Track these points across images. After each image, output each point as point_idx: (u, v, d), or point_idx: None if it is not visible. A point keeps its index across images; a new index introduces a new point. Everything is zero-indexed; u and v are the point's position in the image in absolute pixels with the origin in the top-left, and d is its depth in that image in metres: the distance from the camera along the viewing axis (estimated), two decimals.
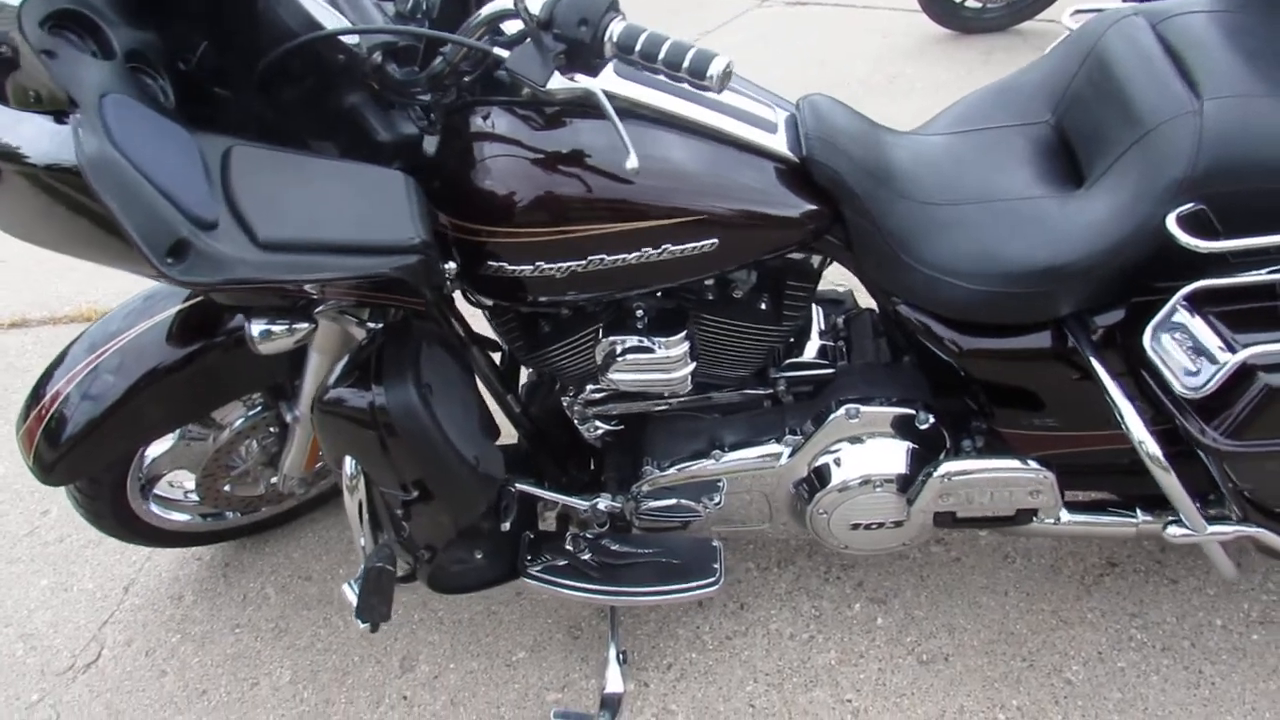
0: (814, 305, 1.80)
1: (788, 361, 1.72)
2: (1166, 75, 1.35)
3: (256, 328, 1.35)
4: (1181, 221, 1.25)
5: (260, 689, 1.86)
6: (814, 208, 1.42)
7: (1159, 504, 1.56)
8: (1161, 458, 1.35)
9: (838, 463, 1.60)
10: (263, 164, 1.15)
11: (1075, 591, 1.86)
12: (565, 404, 1.72)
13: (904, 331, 1.55)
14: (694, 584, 1.69)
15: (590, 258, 1.35)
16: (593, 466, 1.81)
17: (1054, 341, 1.44)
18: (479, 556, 1.66)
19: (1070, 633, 1.79)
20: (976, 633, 1.81)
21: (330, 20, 1.28)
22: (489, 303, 1.53)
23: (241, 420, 1.84)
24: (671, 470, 1.67)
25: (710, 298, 1.57)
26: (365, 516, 1.48)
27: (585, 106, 1.30)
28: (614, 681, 1.76)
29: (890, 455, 1.58)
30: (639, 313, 1.52)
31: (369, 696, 1.82)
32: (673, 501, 1.72)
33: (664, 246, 1.36)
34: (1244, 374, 1.24)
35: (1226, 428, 1.27)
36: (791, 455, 1.62)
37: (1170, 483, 1.38)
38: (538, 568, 1.70)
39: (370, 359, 1.37)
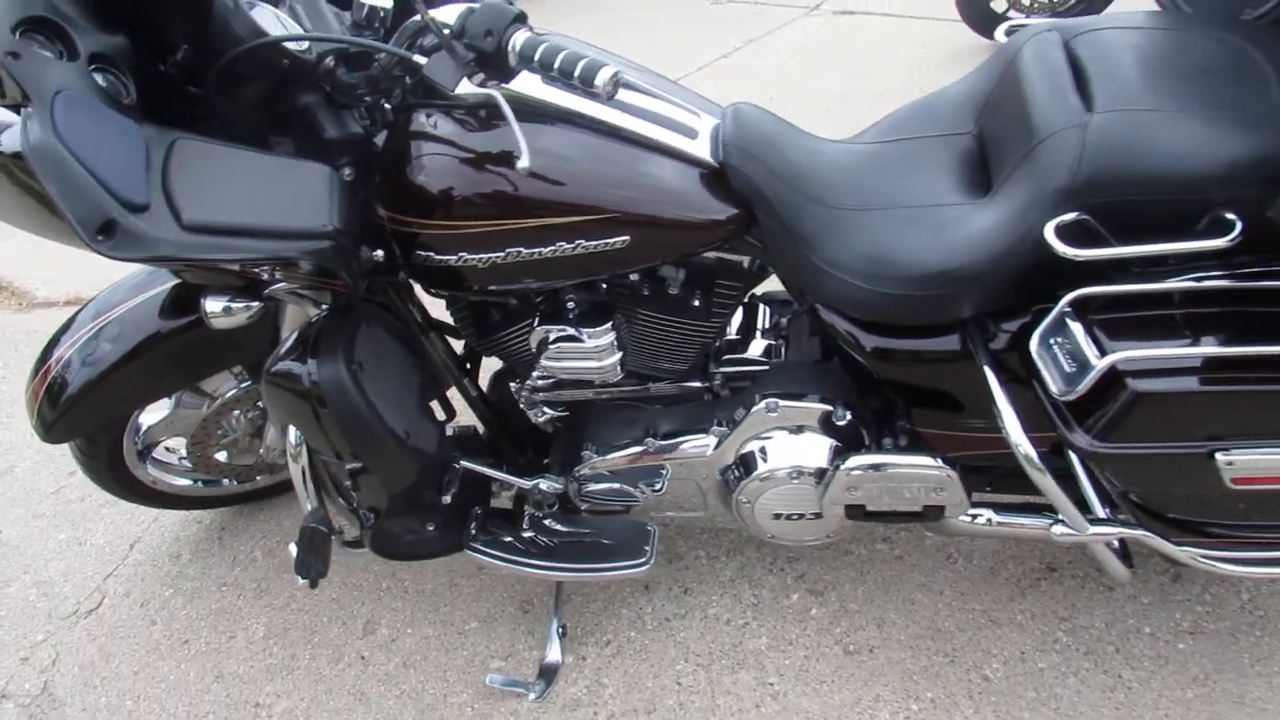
0: (761, 305, 1.88)
1: (725, 357, 1.80)
2: (1064, 89, 1.40)
3: (210, 304, 1.49)
4: (1062, 230, 1.30)
5: (236, 641, 2.02)
6: (730, 210, 1.51)
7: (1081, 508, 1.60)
8: (1036, 459, 1.40)
9: (759, 454, 1.68)
10: (201, 156, 1.28)
11: (1009, 594, 1.90)
12: (514, 390, 1.83)
13: (825, 331, 1.62)
14: (624, 563, 1.78)
15: (508, 250, 1.46)
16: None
17: (958, 344, 1.50)
18: (429, 528, 1.78)
19: (997, 632, 1.83)
20: (905, 627, 1.86)
21: (280, 30, 1.42)
22: (445, 292, 1.65)
23: (232, 391, 1.99)
24: (608, 456, 1.78)
25: (646, 293, 1.67)
26: (308, 481, 1.61)
27: (525, 111, 1.42)
28: (553, 653, 1.87)
29: (807, 449, 1.65)
30: (570, 304, 1.63)
31: (330, 654, 1.96)
32: (613, 486, 1.82)
33: (577, 242, 1.46)
34: (1113, 378, 1.29)
35: (1096, 430, 1.31)
36: (718, 446, 1.71)
37: (1046, 484, 1.43)
38: (481, 542, 1.81)
39: (311, 337, 1.50)
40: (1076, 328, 1.33)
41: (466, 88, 1.33)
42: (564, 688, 1.83)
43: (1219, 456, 1.28)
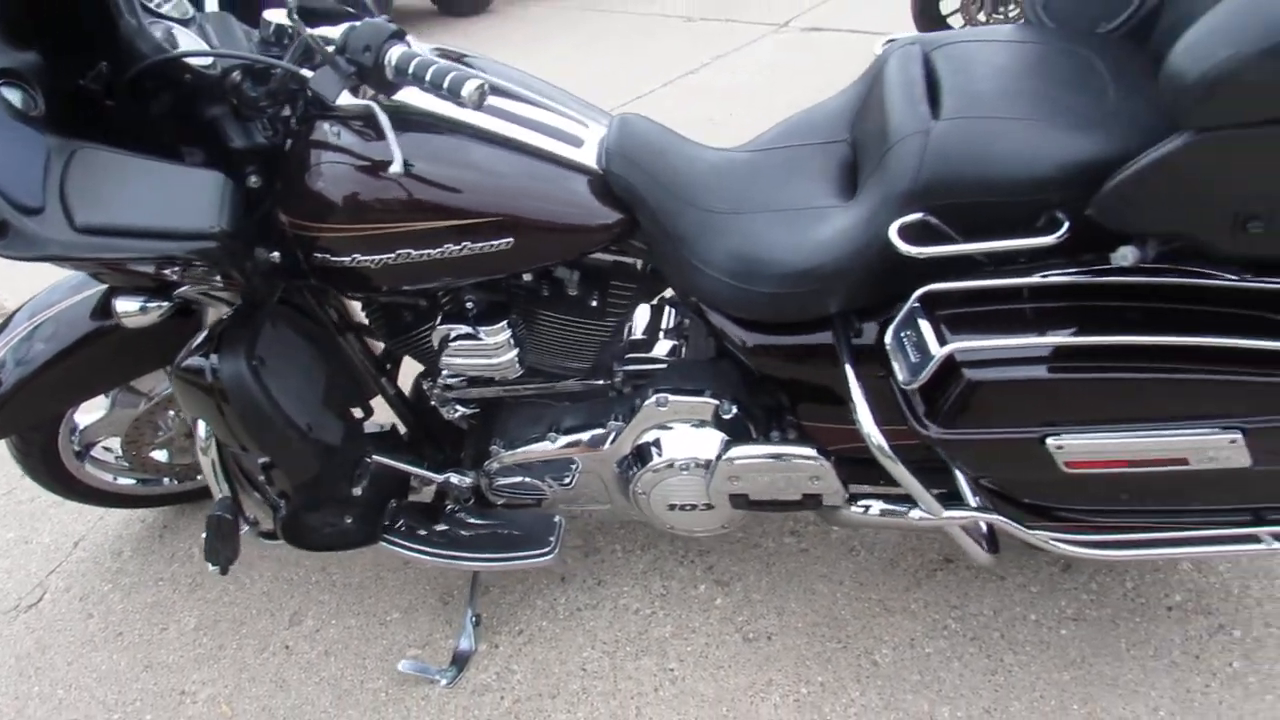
0: (667, 306, 1.97)
1: (628, 356, 1.89)
2: (916, 98, 1.49)
3: (121, 304, 1.58)
4: (908, 230, 1.39)
5: (168, 633, 2.10)
6: (613, 215, 1.60)
7: (954, 497, 1.68)
8: (886, 448, 1.47)
9: (652, 447, 1.76)
10: (101, 164, 1.38)
11: (906, 583, 1.97)
12: (426, 388, 1.92)
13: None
14: (528, 554, 1.86)
15: (398, 252, 1.55)
16: None
17: (829, 340, 1.58)
18: (344, 520, 1.86)
19: (890, 620, 1.91)
20: (804, 615, 1.94)
21: (184, 47, 1.51)
22: (354, 294, 1.75)
23: (166, 391, 2.08)
24: (515, 451, 1.86)
25: (545, 294, 1.76)
26: (218, 473, 1.70)
27: (405, 119, 1.52)
28: (466, 641, 1.95)
29: (695, 442, 1.73)
30: (469, 304, 1.72)
31: (256, 644, 2.04)
32: (522, 480, 1.90)
33: (463, 244, 1.55)
34: (952, 369, 1.37)
35: (939, 419, 1.40)
36: (614, 440, 1.79)
37: (899, 472, 1.50)
38: (395, 533, 1.90)
39: (217, 334, 1.59)
40: (923, 321, 1.41)
41: (349, 99, 1.42)
42: (475, 674, 1.91)
43: (1050, 442, 1.36)
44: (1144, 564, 1.91)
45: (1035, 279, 1.38)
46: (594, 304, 1.76)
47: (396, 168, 1.38)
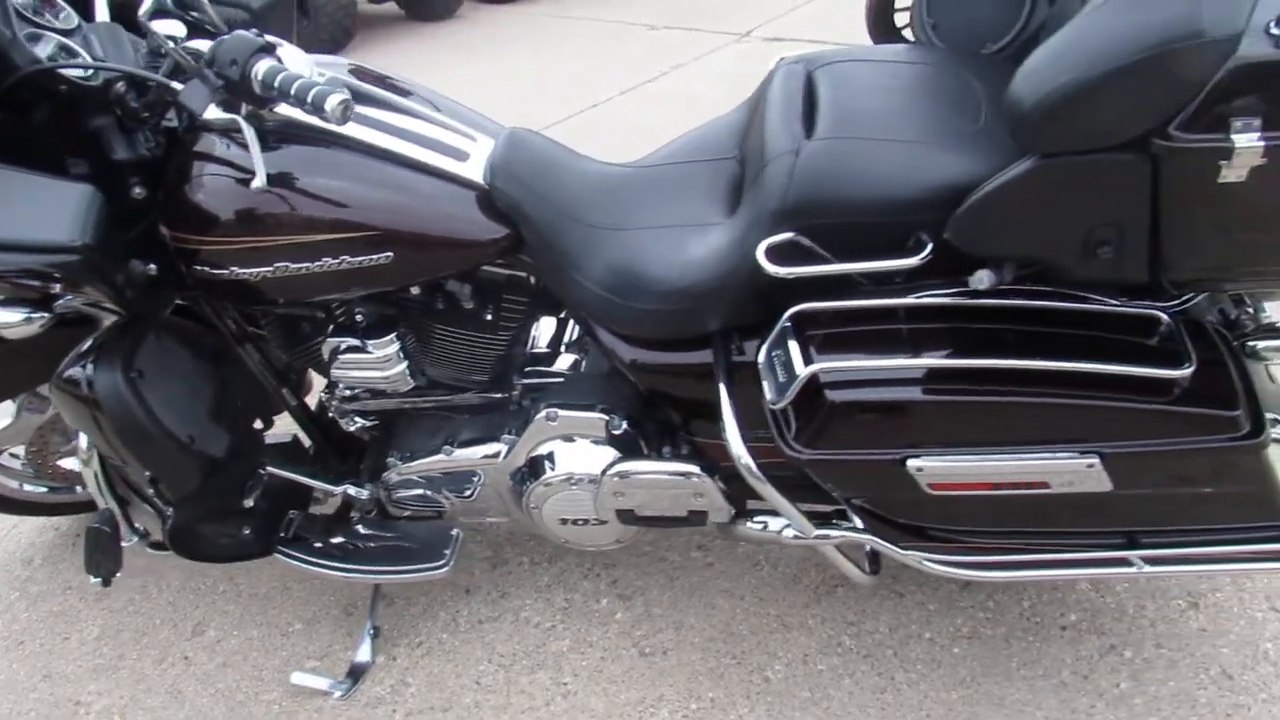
0: (571, 320, 1.97)
1: (526, 369, 1.88)
2: (793, 117, 1.50)
3: (2, 315, 1.57)
4: (778, 249, 1.39)
5: (70, 642, 2.09)
6: (498, 230, 1.59)
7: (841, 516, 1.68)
8: (754, 467, 1.47)
9: (544, 461, 1.76)
10: None
11: (806, 599, 1.97)
12: (325, 399, 1.91)
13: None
14: (422, 567, 1.85)
15: (276, 265, 1.54)
16: None
17: (709, 358, 1.58)
18: (240, 531, 1.85)
19: (786, 636, 1.91)
20: (702, 630, 1.94)
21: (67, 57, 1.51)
22: (239, 306, 1.74)
23: None
24: (411, 463, 1.86)
25: (440, 307, 1.75)
26: (102, 485, 1.69)
27: (288, 133, 1.52)
28: (363, 653, 1.94)
29: (583, 456, 1.73)
30: (359, 316, 1.71)
31: (156, 655, 2.03)
32: (421, 492, 1.90)
33: (341, 258, 1.54)
34: (816, 389, 1.37)
35: (803, 439, 1.40)
36: (508, 454, 1.79)
37: (767, 491, 1.50)
38: (290, 545, 1.89)
39: (96, 346, 1.58)
40: (792, 341, 1.41)
41: (218, 113, 1.42)
42: (370, 687, 1.90)
43: (910, 464, 1.36)
44: (1041, 583, 1.91)
45: (899, 300, 1.39)
46: (488, 318, 1.75)
47: (258, 182, 1.38)
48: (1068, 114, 1.12)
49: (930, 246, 1.34)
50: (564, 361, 1.91)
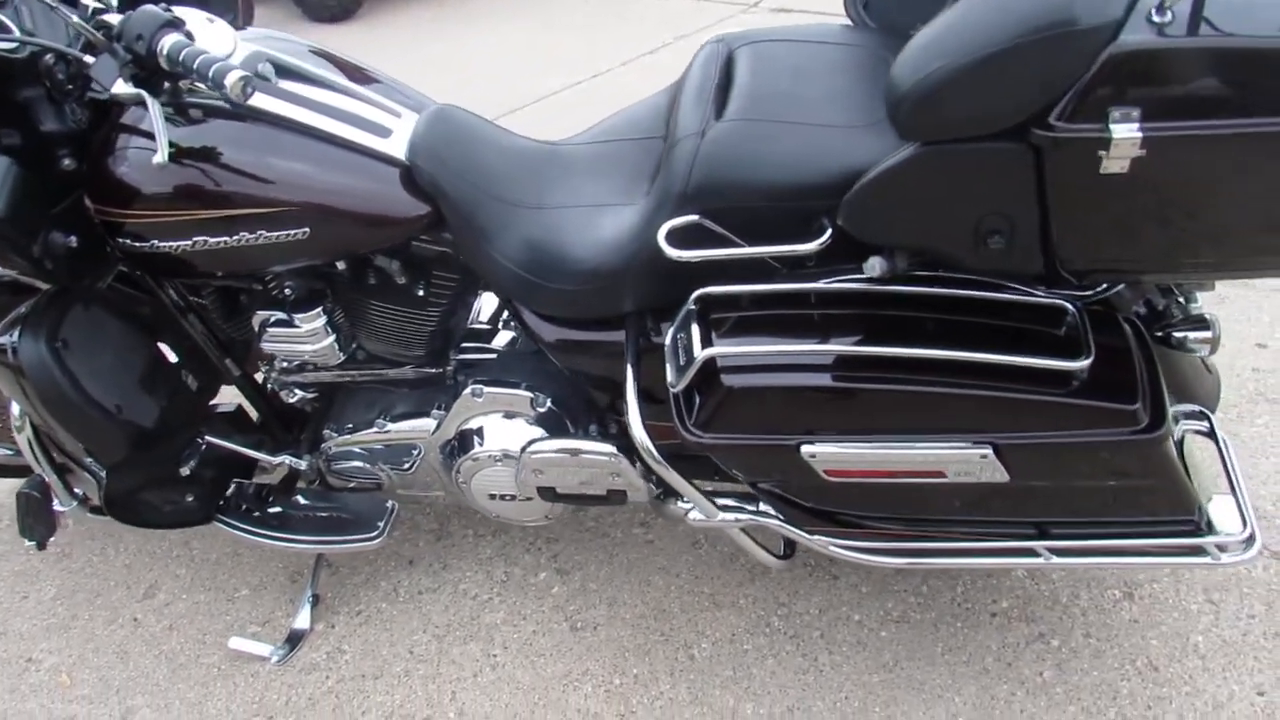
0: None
1: (462, 345, 1.89)
2: (705, 98, 1.48)
3: None
4: (679, 232, 1.38)
5: (28, 601, 2.15)
6: (420, 207, 1.59)
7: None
8: (653, 450, 1.47)
9: (471, 436, 1.78)
10: None
11: (740, 579, 1.98)
12: (263, 373, 1.94)
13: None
14: (354, 538, 1.88)
15: (195, 239, 1.56)
16: None
17: (620, 338, 1.58)
18: (179, 498, 1.89)
19: (716, 615, 1.92)
20: (634, 607, 1.95)
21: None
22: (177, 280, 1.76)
23: None
24: (346, 435, 1.88)
25: (371, 282, 1.76)
26: (36, 450, 1.73)
27: (209, 107, 1.53)
28: (302, 620, 1.98)
29: (508, 433, 1.74)
30: (287, 290, 1.73)
31: (107, 616, 2.08)
32: (357, 464, 1.92)
33: (259, 232, 1.55)
34: (711, 373, 1.37)
35: (700, 422, 1.40)
36: (438, 428, 1.81)
37: (666, 473, 1.50)
38: (228, 514, 1.92)
39: (23, 315, 1.61)
40: (695, 325, 1.41)
41: (125, 88, 1.43)
42: (306, 653, 1.94)
43: (804, 449, 1.36)
44: (955, 571, 1.90)
45: (800, 285, 1.38)
46: (419, 294, 1.76)
47: (159, 158, 1.39)
48: (940, 102, 1.10)
49: (829, 232, 1.32)
50: (502, 339, 1.92)
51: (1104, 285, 1.38)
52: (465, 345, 1.88)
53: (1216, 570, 1.87)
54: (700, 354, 1.35)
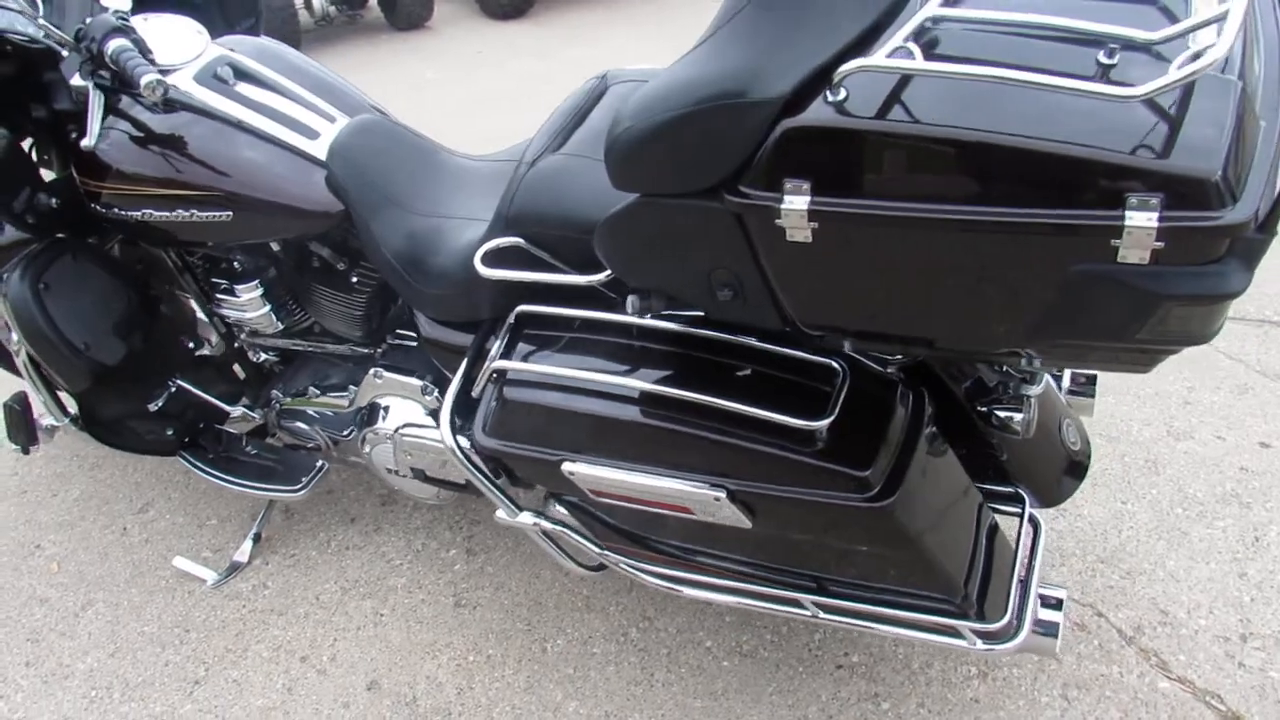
0: None
1: (396, 330, 2.08)
2: (556, 130, 1.60)
3: None
4: (498, 251, 1.51)
5: (55, 498, 2.54)
6: (336, 205, 1.80)
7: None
8: (454, 447, 1.59)
9: (374, 413, 1.97)
10: None
11: (619, 588, 2.07)
12: (235, 331, 2.21)
13: None
14: (278, 488, 2.13)
15: (143, 211, 1.84)
16: None
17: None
18: (150, 429, 2.20)
19: (583, 616, 2.02)
20: (515, 595, 2.09)
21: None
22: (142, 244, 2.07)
23: None
24: (286, 397, 2.13)
25: (314, 265, 2.00)
26: (31, 370, 2.07)
27: (171, 100, 1.80)
28: (242, 553, 2.25)
29: (395, 415, 1.92)
30: (235, 263, 1.99)
31: (105, 522, 2.44)
32: (298, 425, 2.16)
33: (191, 211, 1.81)
34: (501, 384, 1.49)
35: (484, 426, 1.52)
36: (350, 404, 2.01)
37: (470, 472, 1.62)
38: (190, 451, 2.22)
39: (21, 259, 1.95)
40: (506, 337, 1.53)
41: (79, 80, 1.72)
42: (237, 583, 2.21)
43: (565, 466, 1.45)
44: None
45: (597, 314, 1.46)
46: (352, 280, 1.97)
47: (87, 142, 1.66)
48: (633, 158, 1.17)
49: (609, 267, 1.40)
50: None
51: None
52: (400, 331, 2.07)
53: (1084, 666, 1.79)
54: (490, 364, 1.48)
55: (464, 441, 1.59)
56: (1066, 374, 1.83)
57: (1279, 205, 0.98)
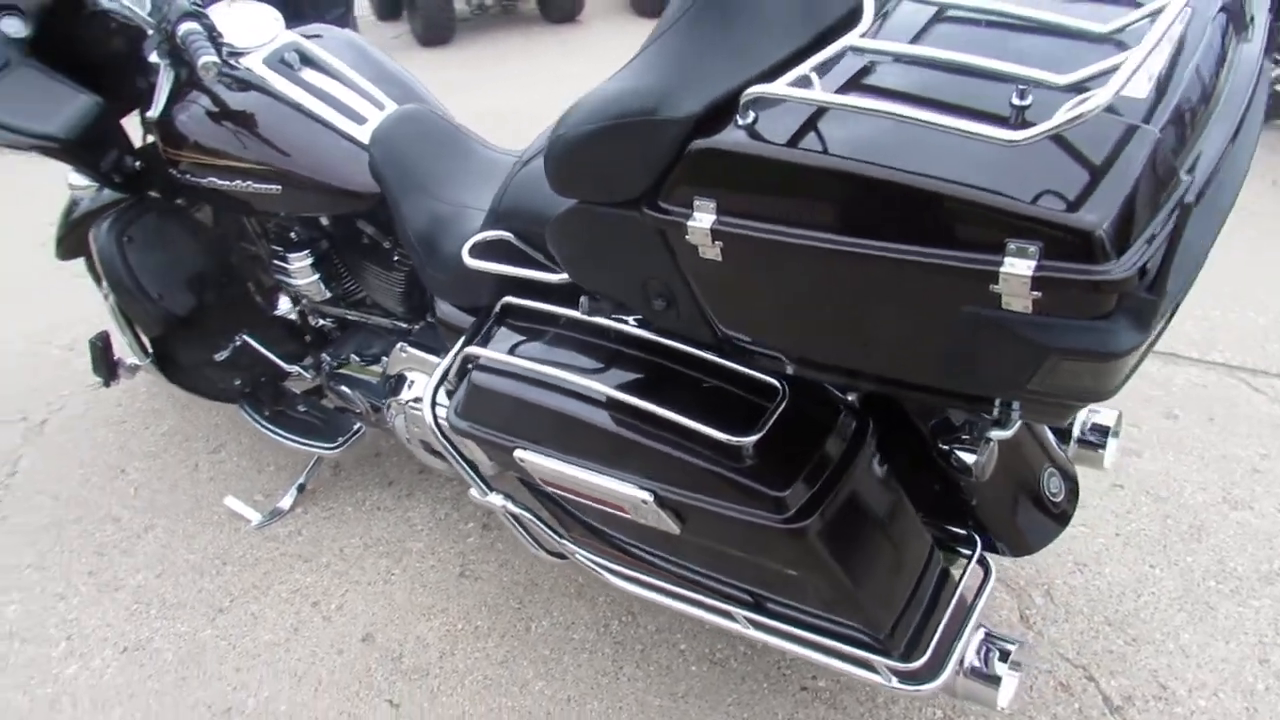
0: None
1: (432, 309, 2.21)
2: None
3: (71, 177, 2.22)
4: (485, 243, 1.60)
5: (148, 430, 2.81)
6: (374, 187, 1.93)
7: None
8: (432, 424, 1.68)
9: (400, 384, 2.09)
10: (22, 76, 1.99)
11: None
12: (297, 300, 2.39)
13: None
14: (316, 443, 2.30)
15: (208, 178, 2.02)
16: None
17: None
18: (215, 377, 2.41)
19: (573, 603, 2.08)
20: (516, 572, 2.18)
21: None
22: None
23: None
24: (334, 362, 2.29)
25: (364, 242, 2.14)
26: (117, 312, 2.31)
27: (243, 80, 1.98)
28: (285, 501, 2.44)
29: (416, 390, 2.03)
30: (292, 234, 2.15)
31: (180, 456, 2.69)
32: (343, 389, 2.32)
33: (248, 183, 1.98)
34: (469, 368, 1.57)
35: (455, 407, 1.60)
36: (382, 374, 2.15)
37: (445, 449, 1.70)
38: (248, 401, 2.42)
39: (113, 213, 2.19)
40: (486, 325, 1.62)
41: (154, 57, 1.92)
42: (278, 527, 2.39)
43: (517, 453, 1.51)
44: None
45: (563, 310, 1.52)
46: (395, 258, 2.11)
47: (151, 113, 1.85)
48: (563, 165, 1.22)
49: None
50: None
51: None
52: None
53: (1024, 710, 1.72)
54: (464, 349, 1.56)
55: (444, 420, 1.68)
56: (1078, 423, 1.75)
57: (1168, 263, 0.94)
